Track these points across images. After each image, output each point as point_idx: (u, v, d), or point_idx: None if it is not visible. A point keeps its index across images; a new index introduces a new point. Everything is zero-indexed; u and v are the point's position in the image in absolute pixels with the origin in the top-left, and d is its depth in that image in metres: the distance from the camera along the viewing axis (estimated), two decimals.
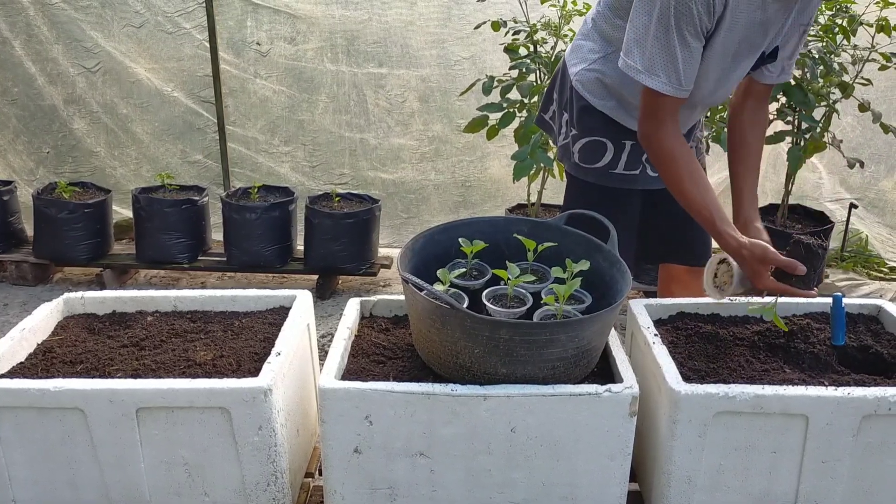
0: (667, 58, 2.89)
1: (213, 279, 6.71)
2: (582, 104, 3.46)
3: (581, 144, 3.51)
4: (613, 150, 3.45)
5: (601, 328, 2.69)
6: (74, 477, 2.79)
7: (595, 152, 3.48)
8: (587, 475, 2.71)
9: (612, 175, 3.49)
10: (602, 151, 3.47)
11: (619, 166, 3.48)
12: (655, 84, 2.94)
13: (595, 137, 3.47)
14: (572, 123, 3.54)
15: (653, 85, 2.94)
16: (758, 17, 2.94)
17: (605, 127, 3.44)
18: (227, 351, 3.00)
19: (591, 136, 3.47)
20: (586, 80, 3.42)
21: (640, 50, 2.93)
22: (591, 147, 3.48)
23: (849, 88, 5.38)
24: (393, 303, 3.35)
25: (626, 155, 3.46)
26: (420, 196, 7.15)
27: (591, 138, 3.47)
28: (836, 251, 6.83)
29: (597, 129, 3.46)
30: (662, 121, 3.03)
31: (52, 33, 6.81)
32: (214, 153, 7.08)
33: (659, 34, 2.87)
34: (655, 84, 2.94)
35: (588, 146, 3.49)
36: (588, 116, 3.46)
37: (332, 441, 2.67)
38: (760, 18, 2.95)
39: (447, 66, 6.73)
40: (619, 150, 3.45)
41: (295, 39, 6.76)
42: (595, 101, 3.42)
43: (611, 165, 3.47)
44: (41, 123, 7.10)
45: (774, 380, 2.77)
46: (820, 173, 6.88)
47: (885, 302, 3.39)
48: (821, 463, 2.68)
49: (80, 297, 3.39)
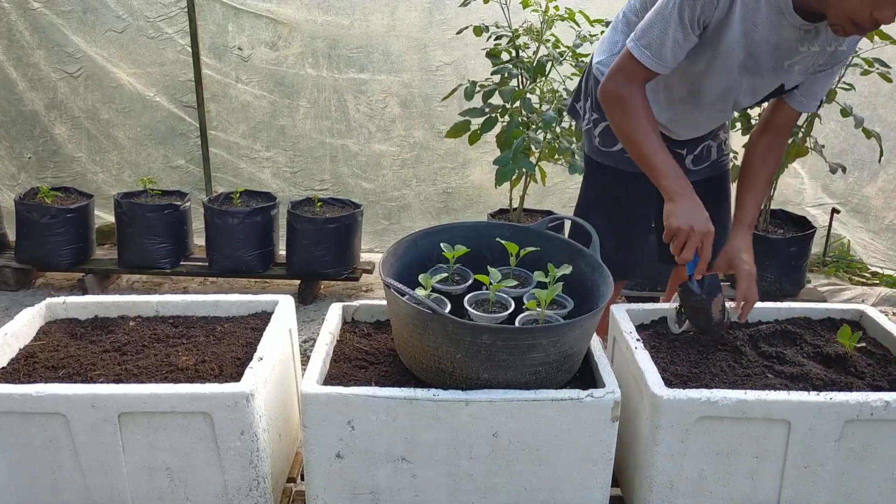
0: (659, 30, 2.95)
1: (196, 284, 6.69)
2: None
3: (602, 128, 3.61)
4: None
5: (583, 333, 2.69)
6: (57, 482, 2.78)
7: (612, 136, 3.54)
8: (569, 480, 2.71)
9: (627, 158, 3.50)
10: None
11: None
12: (638, 53, 3.02)
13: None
14: (593, 108, 3.64)
15: (636, 53, 3.02)
16: (772, 38, 2.98)
17: None
18: (210, 356, 3.00)
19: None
20: (604, 68, 3.48)
21: (645, 22, 3.02)
22: (609, 131, 3.53)
23: (831, 93, 5.39)
24: (375, 308, 3.35)
25: None
26: (401, 203, 7.14)
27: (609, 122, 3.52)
28: (818, 256, 6.85)
29: None
30: (632, 81, 3.10)
31: (33, 38, 6.78)
32: (196, 158, 7.05)
33: (662, 8, 2.94)
34: (638, 53, 3.02)
35: (608, 129, 3.54)
36: None
37: (315, 446, 2.67)
38: (774, 40, 2.99)
39: (429, 72, 6.72)
40: None
41: (276, 44, 6.75)
42: None
43: (624, 150, 3.49)
44: (22, 129, 7.07)
45: (757, 385, 2.78)
46: (802, 178, 6.89)
47: (867, 307, 3.40)
48: (803, 468, 2.69)
49: (62, 302, 3.38)
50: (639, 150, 3.12)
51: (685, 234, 2.95)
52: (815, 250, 6.52)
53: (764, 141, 3.44)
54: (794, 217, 6.36)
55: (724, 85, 3.20)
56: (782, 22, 2.91)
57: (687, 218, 2.96)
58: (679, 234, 2.96)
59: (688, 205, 2.99)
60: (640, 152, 3.11)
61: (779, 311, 3.39)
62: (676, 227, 2.96)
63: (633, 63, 3.05)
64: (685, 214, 2.97)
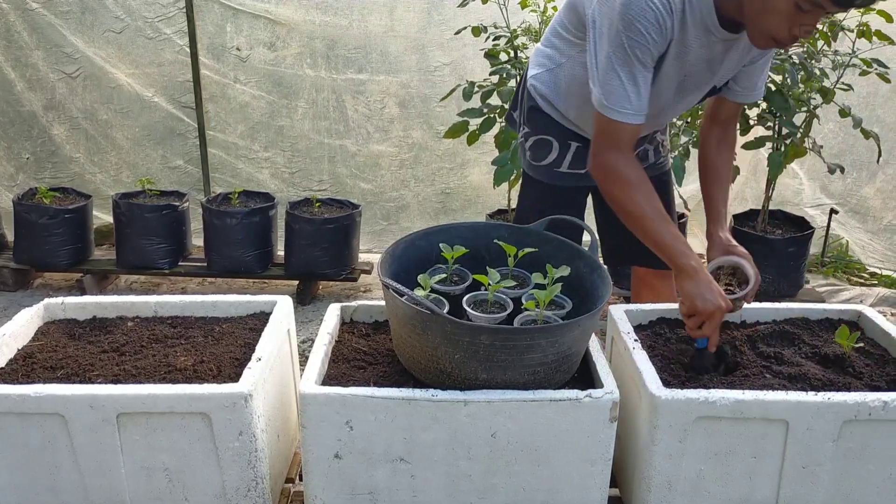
0: (625, 86, 2.89)
1: (194, 285, 6.70)
2: (531, 104, 3.56)
3: (532, 142, 3.61)
4: (559, 149, 3.53)
5: (581, 334, 2.69)
6: (55, 483, 2.78)
7: (543, 150, 3.56)
8: (568, 481, 2.71)
9: (557, 173, 3.56)
10: (548, 149, 3.55)
11: (563, 165, 3.56)
12: (620, 116, 2.93)
13: (543, 136, 3.56)
14: (525, 121, 3.63)
15: (618, 117, 2.93)
16: (704, 55, 2.99)
17: (553, 127, 3.53)
18: (208, 356, 2.99)
19: (540, 135, 3.57)
20: (537, 84, 3.52)
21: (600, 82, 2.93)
22: (540, 145, 3.56)
23: (829, 94, 5.40)
24: (373, 308, 3.35)
25: (571, 155, 3.54)
26: (400, 204, 7.15)
27: (540, 136, 3.57)
28: (816, 257, 6.85)
29: (544, 128, 3.55)
30: (622, 150, 3.00)
31: (31, 39, 6.78)
32: (195, 159, 7.06)
33: (614, 63, 2.88)
34: (620, 116, 2.93)
35: (537, 143, 3.57)
36: (536, 115, 3.55)
37: (313, 446, 2.67)
38: (706, 56, 3.00)
39: (427, 72, 6.73)
40: (565, 149, 3.53)
41: (274, 45, 6.75)
42: (542, 105, 3.52)
43: (555, 164, 3.56)
44: (20, 129, 7.07)
45: (755, 385, 2.78)
46: (800, 179, 6.89)
47: (866, 308, 3.40)
48: (801, 468, 2.69)
49: (60, 303, 3.38)
50: (642, 228, 3.03)
51: (709, 314, 2.89)
52: (813, 251, 6.53)
53: (714, 134, 3.45)
54: (792, 217, 6.36)
55: (659, 106, 3.19)
56: (711, 39, 2.91)
57: (708, 300, 2.88)
58: (702, 315, 2.91)
59: (706, 284, 2.91)
60: (644, 230, 3.03)
61: (777, 312, 3.38)
62: (702, 309, 2.89)
63: (614, 127, 2.97)
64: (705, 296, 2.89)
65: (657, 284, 3.87)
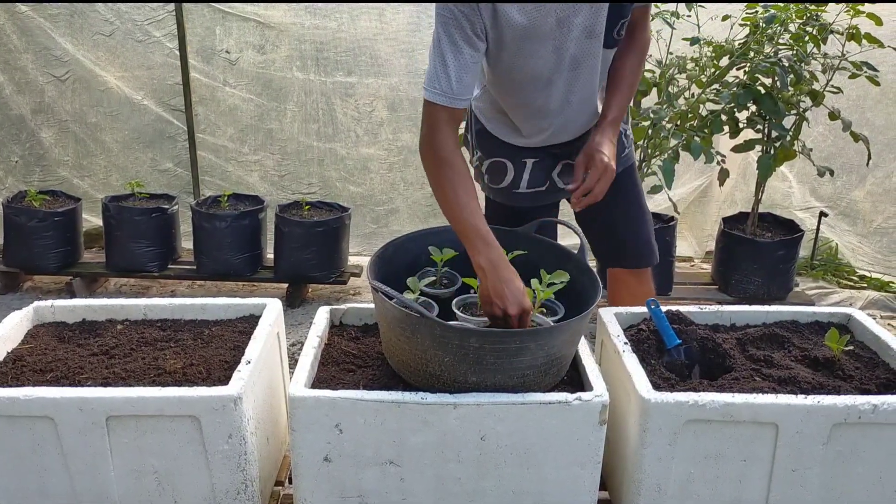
0: (441, 68, 2.87)
1: (183, 287, 6.68)
2: (478, 127, 3.54)
3: (487, 165, 3.56)
4: (514, 170, 3.48)
5: (571, 336, 2.69)
6: (44, 485, 2.78)
7: (499, 173, 3.52)
8: (557, 483, 2.71)
9: (516, 195, 3.52)
10: (504, 171, 3.50)
11: (521, 185, 3.51)
12: (430, 95, 2.91)
13: (496, 158, 3.51)
14: (475, 145, 3.60)
15: (428, 96, 2.92)
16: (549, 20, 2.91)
17: (503, 148, 3.48)
18: (197, 359, 3.00)
19: (492, 157, 3.52)
20: (478, 105, 3.49)
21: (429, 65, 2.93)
22: (495, 167, 3.52)
23: (819, 97, 5.40)
24: (363, 311, 3.35)
25: (528, 173, 3.48)
26: (389, 207, 7.14)
27: (493, 159, 3.52)
28: (806, 260, 6.85)
29: (496, 150, 3.50)
30: (438, 129, 2.96)
31: (21, 42, 6.76)
32: (184, 161, 7.04)
33: (436, 45, 2.88)
34: (430, 95, 2.91)
35: (492, 167, 3.53)
36: (485, 137, 3.52)
37: (303, 449, 2.67)
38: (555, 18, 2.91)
39: (417, 75, 6.71)
40: (521, 168, 3.47)
41: (264, 48, 6.74)
42: (488, 126, 3.49)
43: (514, 185, 3.51)
44: (9, 133, 7.04)
45: (745, 388, 2.78)
46: (790, 182, 6.90)
47: (855, 311, 3.41)
48: (791, 471, 2.69)
49: (49, 306, 3.38)
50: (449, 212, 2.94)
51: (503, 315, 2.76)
52: (802, 254, 6.52)
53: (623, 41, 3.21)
54: (781, 220, 6.35)
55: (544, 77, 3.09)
56: None
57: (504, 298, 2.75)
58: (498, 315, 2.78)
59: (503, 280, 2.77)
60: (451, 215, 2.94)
61: (767, 315, 3.39)
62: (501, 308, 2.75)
63: (431, 109, 2.94)
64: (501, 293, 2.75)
65: (632, 283, 3.84)
